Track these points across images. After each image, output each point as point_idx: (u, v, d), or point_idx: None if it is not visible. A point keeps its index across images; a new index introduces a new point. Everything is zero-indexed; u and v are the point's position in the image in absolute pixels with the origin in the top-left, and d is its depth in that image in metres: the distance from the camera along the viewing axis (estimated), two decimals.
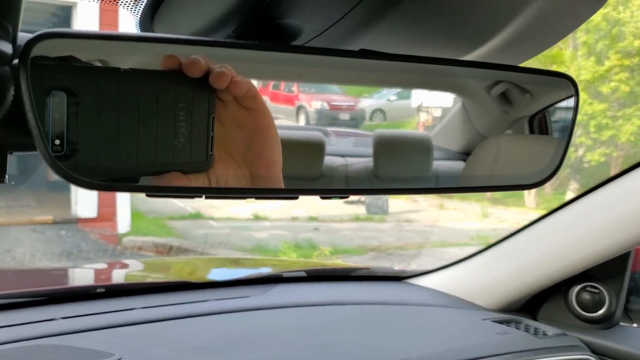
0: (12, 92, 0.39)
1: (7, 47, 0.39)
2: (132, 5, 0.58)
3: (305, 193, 0.60)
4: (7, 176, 0.47)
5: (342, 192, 0.84)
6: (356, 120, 0.88)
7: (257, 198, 0.56)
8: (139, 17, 0.56)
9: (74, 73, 0.44)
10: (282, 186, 0.57)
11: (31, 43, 0.40)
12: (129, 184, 0.50)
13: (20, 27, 0.40)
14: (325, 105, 0.84)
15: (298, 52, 0.55)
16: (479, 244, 5.96)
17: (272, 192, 0.57)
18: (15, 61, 0.39)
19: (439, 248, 6.04)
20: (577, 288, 1.43)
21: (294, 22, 0.53)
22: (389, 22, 0.53)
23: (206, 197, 0.54)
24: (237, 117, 0.54)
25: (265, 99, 0.57)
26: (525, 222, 1.52)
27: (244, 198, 0.57)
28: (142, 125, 0.47)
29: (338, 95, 0.84)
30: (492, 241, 1.58)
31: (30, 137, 0.42)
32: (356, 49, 0.59)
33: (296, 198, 0.57)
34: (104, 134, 0.45)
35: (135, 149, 0.47)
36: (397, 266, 5.34)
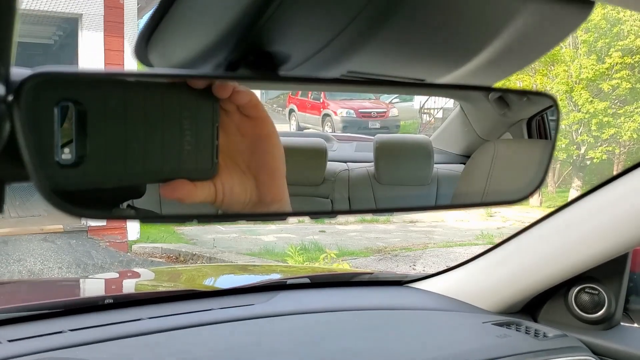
0: (7, 127, 0.42)
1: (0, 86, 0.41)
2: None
3: (313, 214, 0.63)
4: (5, 206, 0.49)
5: (345, 212, 0.86)
6: (388, 129, 0.90)
7: (263, 221, 0.59)
8: (135, 46, 0.58)
9: (82, 84, 0.46)
10: (286, 193, 0.60)
11: (25, 82, 0.42)
12: (136, 211, 0.52)
13: (13, 63, 0.42)
14: (352, 113, 0.85)
15: (285, 81, 0.58)
16: (484, 244, 5.96)
17: (279, 216, 0.59)
18: (10, 97, 0.41)
19: (444, 248, 6.04)
20: (576, 289, 1.44)
21: (282, 49, 0.55)
22: (374, 45, 0.56)
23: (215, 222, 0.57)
24: (240, 126, 0.57)
25: (292, 107, 0.60)
26: (528, 222, 1.53)
27: (252, 221, 0.59)
28: (148, 134, 0.49)
29: (368, 102, 0.85)
30: (497, 240, 1.59)
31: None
32: (345, 71, 0.61)
33: (334, 217, 0.60)
34: (111, 143, 0.47)
35: (142, 157, 0.49)
36: (403, 267, 5.35)
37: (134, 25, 7.58)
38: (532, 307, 1.52)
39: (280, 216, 0.60)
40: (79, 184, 0.46)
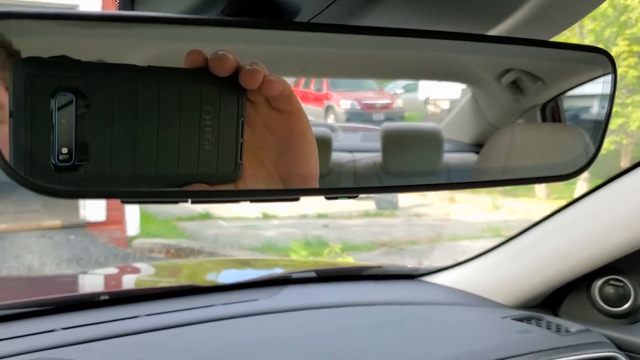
0: None
1: None
2: None
3: (326, 193, 0.54)
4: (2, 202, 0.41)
5: (351, 191, 0.78)
6: (393, 121, 0.82)
7: (282, 200, 0.51)
8: (119, 2, 0.50)
9: (83, 71, 0.39)
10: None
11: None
12: (148, 190, 0.44)
13: None
14: (356, 104, 0.78)
15: (300, 29, 0.49)
16: (491, 237, 5.90)
17: (295, 193, 0.51)
18: None
19: (450, 242, 5.98)
20: (600, 281, 1.37)
21: None
22: None
23: (233, 202, 0.49)
24: (270, 121, 0.49)
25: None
26: (539, 214, 1.46)
27: (271, 201, 0.51)
28: (162, 132, 0.42)
29: (373, 93, 0.78)
30: (504, 233, 1.52)
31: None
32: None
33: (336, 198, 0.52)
34: (118, 142, 0.40)
35: (155, 158, 0.42)
36: (409, 261, 5.29)
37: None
38: (552, 300, 1.44)
39: (303, 194, 0.52)
40: (78, 190, 0.40)
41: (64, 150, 0.38)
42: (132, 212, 6.68)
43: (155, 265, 3.09)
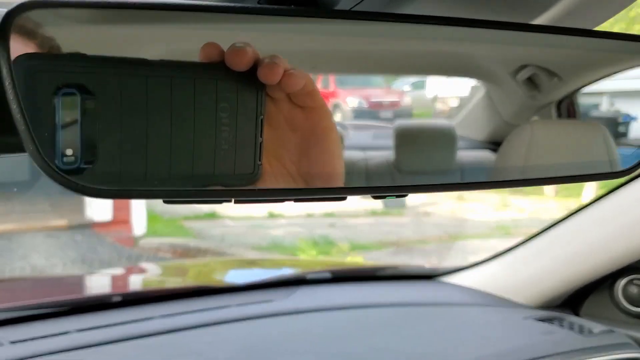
0: None
1: None
2: None
3: (355, 192, 0.51)
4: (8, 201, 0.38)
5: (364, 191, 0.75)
6: (401, 118, 0.79)
7: (304, 200, 0.48)
8: None
9: (89, 65, 0.36)
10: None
11: (11, 15, 0.31)
12: (161, 189, 0.41)
13: None
14: (364, 102, 0.75)
15: (353, 18, 0.46)
16: (500, 235, 5.86)
17: (320, 193, 0.48)
18: None
19: (460, 241, 5.95)
20: (623, 281, 1.34)
21: None
22: None
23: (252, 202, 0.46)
24: (291, 118, 0.46)
25: None
26: (548, 212, 1.43)
27: (293, 200, 0.48)
28: (175, 131, 0.39)
29: (380, 90, 0.75)
30: (514, 232, 1.50)
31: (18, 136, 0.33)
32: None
33: (344, 199, 0.49)
34: (127, 142, 0.38)
35: (167, 159, 0.40)
36: (419, 261, 5.26)
37: None
38: (573, 300, 1.41)
39: (333, 194, 0.49)
40: (84, 192, 0.36)
41: (69, 151, 0.35)
42: (139, 212, 6.67)
43: (161, 265, 3.08)
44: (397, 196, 0.54)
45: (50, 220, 6.23)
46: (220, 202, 0.43)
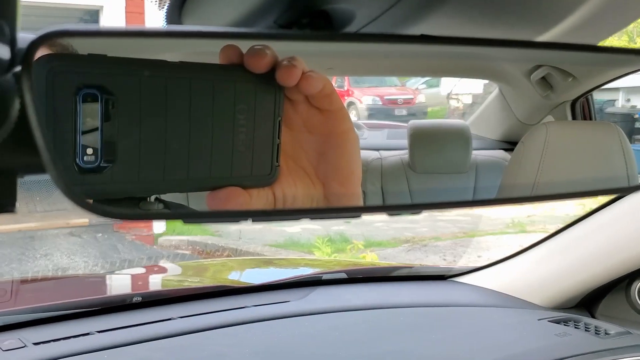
0: (17, 104, 0.32)
1: (4, 51, 0.31)
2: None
3: (371, 211, 0.52)
4: (30, 201, 0.40)
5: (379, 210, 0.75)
6: (415, 116, 0.80)
7: (320, 217, 0.49)
8: (166, 12, 0.49)
9: (110, 67, 0.37)
10: (361, 204, 0.49)
11: (35, 45, 0.33)
12: (169, 212, 0.42)
13: (19, 27, 0.33)
14: (378, 100, 0.76)
15: (360, 40, 0.47)
16: (515, 232, 5.80)
17: (335, 211, 0.49)
18: (18, 68, 0.32)
19: (474, 237, 5.90)
20: None
21: (344, 7, 0.45)
22: (453, 3, 0.46)
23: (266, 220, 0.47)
24: (309, 120, 0.46)
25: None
26: (559, 209, 1.42)
27: (310, 217, 0.49)
28: (193, 131, 0.40)
29: (395, 88, 0.76)
30: (529, 229, 1.49)
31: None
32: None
33: (358, 216, 0.50)
34: (147, 142, 0.38)
35: (186, 159, 0.40)
36: (433, 257, 5.24)
37: (155, 15, 7.55)
38: (588, 301, 1.41)
39: (350, 212, 0.50)
40: (103, 192, 0.38)
41: (89, 151, 0.36)
42: None
43: (181, 265, 3.11)
44: (412, 213, 0.54)
45: (72, 219, 6.31)
46: (238, 221, 0.43)
